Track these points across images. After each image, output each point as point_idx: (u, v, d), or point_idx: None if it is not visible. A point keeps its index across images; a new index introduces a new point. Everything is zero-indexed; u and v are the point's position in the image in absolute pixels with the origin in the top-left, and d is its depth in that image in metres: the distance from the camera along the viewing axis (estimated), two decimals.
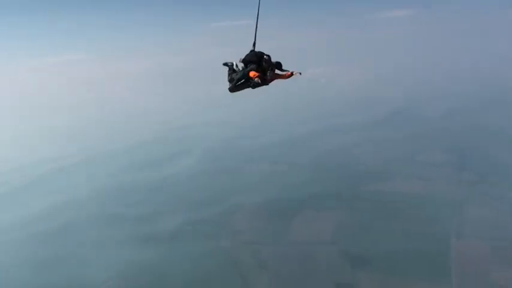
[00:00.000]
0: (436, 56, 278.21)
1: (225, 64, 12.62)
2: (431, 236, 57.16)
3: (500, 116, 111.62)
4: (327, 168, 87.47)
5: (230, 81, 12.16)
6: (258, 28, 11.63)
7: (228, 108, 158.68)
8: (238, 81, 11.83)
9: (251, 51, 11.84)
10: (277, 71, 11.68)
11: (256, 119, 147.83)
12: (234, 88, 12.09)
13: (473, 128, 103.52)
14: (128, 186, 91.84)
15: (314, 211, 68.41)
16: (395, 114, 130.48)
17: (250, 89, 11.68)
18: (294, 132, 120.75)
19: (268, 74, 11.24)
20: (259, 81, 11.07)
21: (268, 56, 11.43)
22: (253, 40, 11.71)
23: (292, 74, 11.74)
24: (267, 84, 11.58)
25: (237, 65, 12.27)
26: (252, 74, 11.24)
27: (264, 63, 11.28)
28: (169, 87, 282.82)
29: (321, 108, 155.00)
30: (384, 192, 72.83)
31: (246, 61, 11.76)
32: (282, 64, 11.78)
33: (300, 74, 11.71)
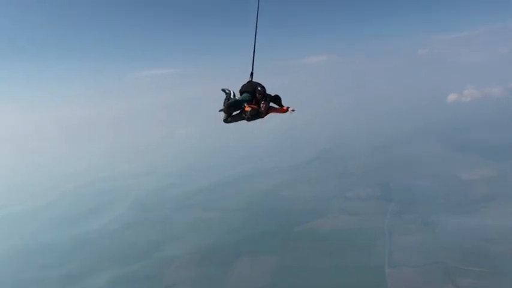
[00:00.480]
0: (358, 97, 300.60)
1: (223, 90, 12.25)
2: (366, 267, 57.91)
3: (420, 148, 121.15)
4: (259, 211, 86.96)
5: (225, 110, 11.46)
6: (254, 59, 11.35)
7: (154, 156, 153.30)
8: (230, 107, 11.23)
9: (248, 81, 11.50)
10: (272, 104, 11.23)
11: (182, 165, 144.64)
12: (228, 119, 11.59)
13: (396, 162, 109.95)
14: (48, 245, 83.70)
15: (250, 256, 66.98)
16: (321, 154, 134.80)
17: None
18: (222, 177, 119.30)
19: (261, 106, 10.82)
20: (253, 113, 10.74)
21: (263, 87, 11.05)
22: (251, 70, 11.45)
23: (287, 109, 11.33)
24: (262, 117, 11.23)
25: (234, 94, 11.80)
26: (246, 107, 10.88)
27: (257, 95, 10.90)
28: (94, 137, 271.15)
29: (249, 151, 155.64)
30: (317, 230, 73.72)
31: (242, 91, 11.38)
32: (281, 98, 11.28)
33: (293, 111, 11.30)
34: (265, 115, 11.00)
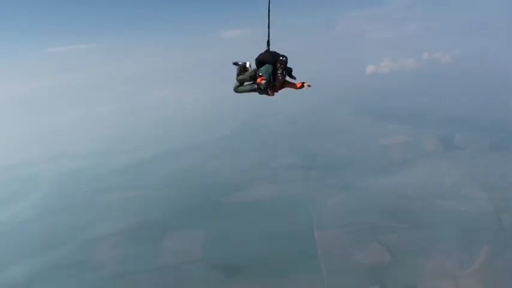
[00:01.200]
0: None
1: (235, 63, 11.35)
2: (294, 232, 60.06)
3: (341, 118, 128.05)
4: (185, 187, 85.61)
5: (238, 80, 11.08)
6: (269, 25, 10.40)
7: (71, 137, 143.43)
8: (244, 81, 10.85)
9: (266, 51, 10.66)
10: (288, 78, 10.52)
11: (103, 145, 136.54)
12: (239, 88, 11.13)
13: (317, 131, 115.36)
14: None
15: (179, 231, 65.87)
16: (242, 126, 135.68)
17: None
18: (144, 155, 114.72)
19: (278, 79, 10.04)
20: (265, 86, 10.03)
21: (285, 56, 10.20)
22: (267, 38, 10.57)
23: (302, 84, 10.69)
24: (273, 94, 10.49)
25: (250, 65, 11.03)
26: (258, 79, 10.21)
27: (278, 65, 10.11)
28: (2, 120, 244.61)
29: (168, 129, 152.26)
30: (243, 201, 74.61)
31: (259, 61, 10.56)
32: (292, 71, 10.57)
33: (309, 86, 10.73)
34: (279, 89, 10.40)
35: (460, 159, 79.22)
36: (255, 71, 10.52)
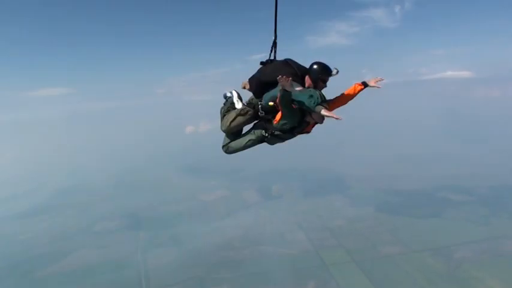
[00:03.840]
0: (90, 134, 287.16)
1: (225, 97, 8.00)
2: None
3: (162, 175, 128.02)
4: None
5: (228, 130, 7.62)
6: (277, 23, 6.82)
7: None
8: (239, 128, 7.50)
9: (268, 61, 7.14)
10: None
11: None
12: (232, 145, 7.73)
13: (141, 191, 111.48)
14: None
15: None
16: (58, 193, 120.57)
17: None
18: None
19: (321, 112, 6.25)
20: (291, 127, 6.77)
21: (320, 65, 6.87)
22: (274, 38, 6.93)
23: (363, 85, 7.20)
24: (309, 131, 7.09)
25: (239, 97, 7.59)
26: (277, 117, 6.82)
27: (321, 83, 6.85)
28: None
29: None
30: (65, 270, 66.23)
31: (262, 84, 7.01)
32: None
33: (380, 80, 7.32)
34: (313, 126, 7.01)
35: (279, 207, 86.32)
36: (258, 104, 7.12)
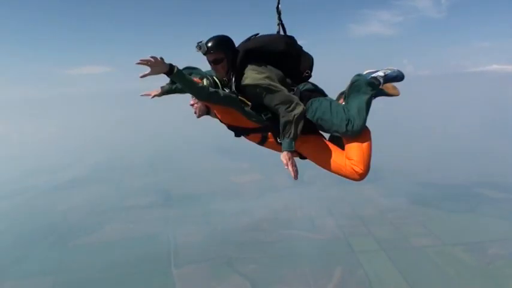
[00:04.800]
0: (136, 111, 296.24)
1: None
2: (153, 271, 57.89)
3: (198, 159, 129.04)
4: (29, 229, 74.24)
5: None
6: None
7: None
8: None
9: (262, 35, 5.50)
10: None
11: None
12: None
13: (175, 173, 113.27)
14: None
15: (21, 279, 56.63)
16: (97, 166, 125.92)
17: None
18: None
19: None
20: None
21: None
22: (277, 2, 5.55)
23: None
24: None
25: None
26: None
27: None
28: None
29: (11, 169, 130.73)
30: (96, 242, 68.56)
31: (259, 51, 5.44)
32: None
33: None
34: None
35: (311, 193, 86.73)
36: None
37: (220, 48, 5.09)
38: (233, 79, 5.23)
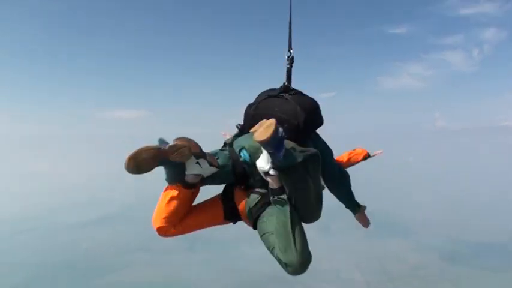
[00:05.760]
0: None
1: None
2: None
3: None
4: (55, 266, 74.91)
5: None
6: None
7: None
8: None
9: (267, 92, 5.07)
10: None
11: None
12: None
13: None
14: None
15: None
16: (125, 208, 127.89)
17: None
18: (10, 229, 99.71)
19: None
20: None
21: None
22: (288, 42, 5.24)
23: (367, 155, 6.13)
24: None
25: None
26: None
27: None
28: None
29: (41, 204, 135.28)
30: (120, 281, 69.00)
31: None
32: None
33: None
34: None
35: (338, 246, 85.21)
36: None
37: None
38: None
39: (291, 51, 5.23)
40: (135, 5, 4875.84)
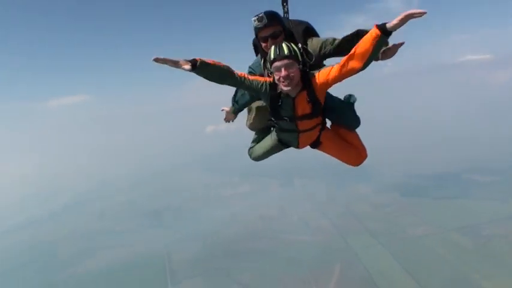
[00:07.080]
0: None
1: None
2: None
3: (188, 177, 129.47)
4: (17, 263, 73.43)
5: (249, 127, 6.34)
6: None
7: None
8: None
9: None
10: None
11: None
12: (257, 149, 6.46)
13: (166, 192, 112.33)
14: None
15: None
16: (81, 196, 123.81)
17: None
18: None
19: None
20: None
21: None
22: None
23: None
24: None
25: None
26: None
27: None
28: None
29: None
30: (90, 270, 67.81)
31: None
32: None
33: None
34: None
35: (303, 198, 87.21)
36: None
37: (279, 22, 4.93)
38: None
39: None
40: None
